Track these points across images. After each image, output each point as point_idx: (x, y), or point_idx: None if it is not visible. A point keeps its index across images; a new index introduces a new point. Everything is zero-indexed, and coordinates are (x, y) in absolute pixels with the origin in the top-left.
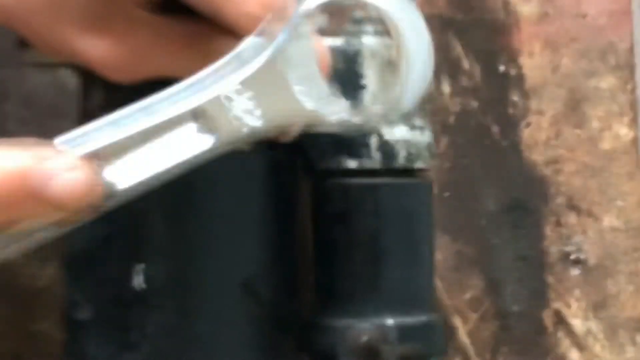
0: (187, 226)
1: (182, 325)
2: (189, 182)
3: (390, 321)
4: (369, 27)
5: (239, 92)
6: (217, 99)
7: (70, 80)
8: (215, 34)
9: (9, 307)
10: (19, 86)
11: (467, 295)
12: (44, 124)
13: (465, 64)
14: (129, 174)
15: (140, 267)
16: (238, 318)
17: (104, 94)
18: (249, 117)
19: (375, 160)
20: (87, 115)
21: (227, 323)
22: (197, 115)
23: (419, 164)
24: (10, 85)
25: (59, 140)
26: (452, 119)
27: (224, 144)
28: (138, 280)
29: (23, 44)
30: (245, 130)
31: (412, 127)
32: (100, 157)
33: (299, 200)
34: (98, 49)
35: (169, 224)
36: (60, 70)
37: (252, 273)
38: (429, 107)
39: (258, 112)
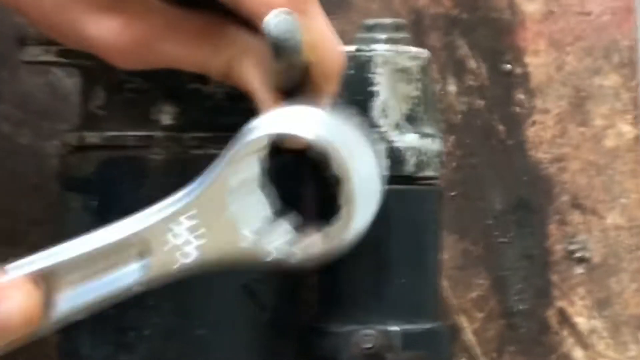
0: None
1: (180, 327)
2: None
3: (394, 328)
4: (381, 35)
5: (177, 222)
6: (159, 225)
7: (65, 82)
8: (227, 28)
9: None
10: (13, 88)
11: (473, 294)
12: (38, 125)
13: (471, 63)
14: (69, 299)
15: None
16: (237, 321)
17: (105, 95)
18: (186, 247)
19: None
20: (87, 116)
21: (226, 326)
22: (138, 243)
23: (428, 172)
24: (4, 87)
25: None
26: (458, 118)
27: (157, 277)
28: None
29: (22, 42)
30: (179, 262)
31: (423, 135)
32: (44, 279)
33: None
34: (108, 32)
35: None
36: (55, 72)
37: (253, 276)
38: (439, 113)
39: (195, 243)
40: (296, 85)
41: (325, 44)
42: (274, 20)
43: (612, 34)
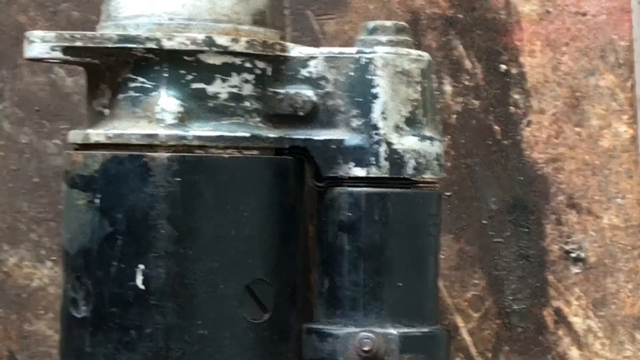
0: (190, 228)
1: (182, 326)
2: (194, 184)
3: (392, 331)
4: (383, 38)
5: None
6: None
7: (66, 81)
8: None
9: (3, 307)
10: (14, 86)
11: (469, 294)
12: (39, 124)
13: (467, 64)
14: None
15: (141, 267)
16: (239, 322)
17: (110, 93)
18: None
19: (383, 169)
20: (93, 114)
21: (228, 326)
22: None
23: (428, 175)
24: (5, 85)
25: None
26: (453, 118)
27: None
28: (138, 280)
29: (29, 40)
30: None
31: (422, 138)
32: None
33: (303, 206)
34: None
35: (172, 225)
36: (56, 71)
37: (255, 277)
38: (439, 116)
39: None
40: None
41: None
42: None
43: (608, 34)
